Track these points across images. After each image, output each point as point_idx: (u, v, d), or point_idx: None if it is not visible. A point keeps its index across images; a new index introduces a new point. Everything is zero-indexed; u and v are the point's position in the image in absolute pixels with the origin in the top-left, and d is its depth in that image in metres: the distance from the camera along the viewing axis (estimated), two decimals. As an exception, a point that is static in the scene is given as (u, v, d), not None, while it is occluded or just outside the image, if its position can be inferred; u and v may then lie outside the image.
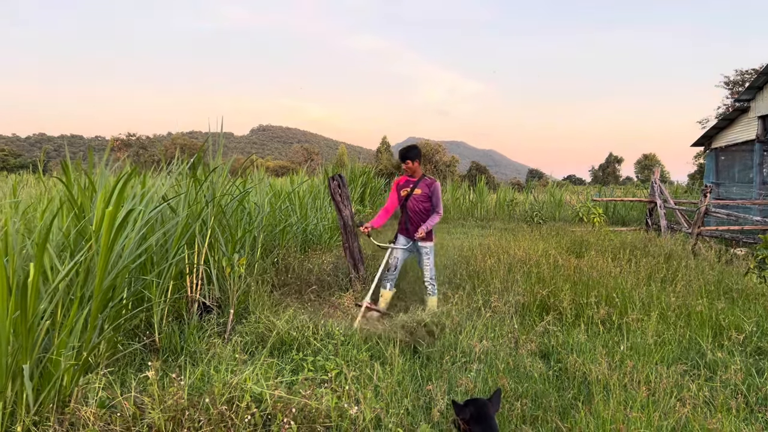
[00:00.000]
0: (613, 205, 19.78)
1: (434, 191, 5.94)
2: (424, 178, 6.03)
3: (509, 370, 4.12)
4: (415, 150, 6.01)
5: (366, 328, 5.04)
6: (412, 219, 6.00)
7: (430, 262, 5.97)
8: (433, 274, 6.00)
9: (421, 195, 5.95)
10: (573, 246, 8.92)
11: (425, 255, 5.97)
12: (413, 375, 4.15)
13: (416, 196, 5.97)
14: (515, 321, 5.33)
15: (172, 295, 5.10)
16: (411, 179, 6.06)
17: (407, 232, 6.03)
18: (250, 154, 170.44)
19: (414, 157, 5.96)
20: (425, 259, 5.97)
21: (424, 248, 5.95)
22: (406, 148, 6.03)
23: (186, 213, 5.17)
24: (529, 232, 12.00)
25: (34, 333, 2.77)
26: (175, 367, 4.03)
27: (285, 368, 3.90)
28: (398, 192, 6.12)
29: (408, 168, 6.00)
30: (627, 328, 5.11)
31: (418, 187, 5.99)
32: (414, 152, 5.98)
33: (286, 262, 7.19)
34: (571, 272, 6.63)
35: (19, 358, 2.75)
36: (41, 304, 3.00)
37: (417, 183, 6.00)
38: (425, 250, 5.95)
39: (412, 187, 6.01)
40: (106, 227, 3.00)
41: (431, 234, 5.95)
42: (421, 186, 5.99)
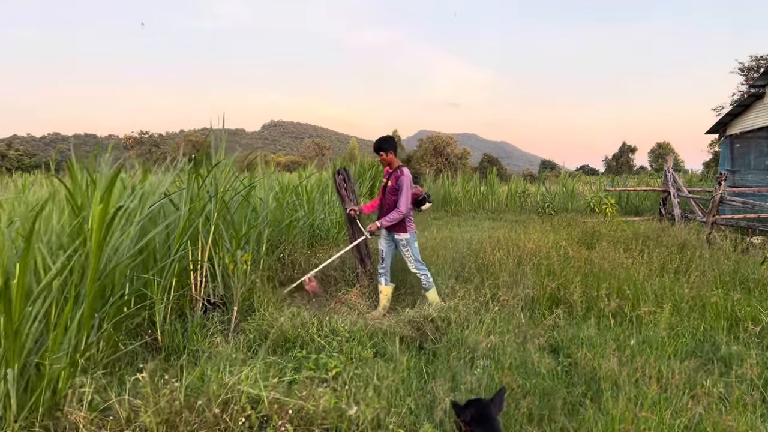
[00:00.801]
0: (626, 195, 19.51)
1: (400, 185, 5.72)
2: (397, 171, 5.84)
3: (517, 366, 4.01)
4: (388, 141, 5.85)
5: (371, 324, 4.95)
6: (382, 210, 5.93)
7: (409, 253, 5.84)
8: (418, 265, 5.87)
9: (391, 187, 5.82)
10: (584, 237, 8.77)
11: (402, 247, 5.85)
12: (418, 372, 4.06)
13: (388, 188, 5.85)
14: (524, 315, 5.22)
15: (175, 293, 5.04)
16: (389, 170, 5.94)
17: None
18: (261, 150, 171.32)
19: (387, 148, 5.80)
20: (404, 252, 5.86)
21: (399, 240, 5.83)
22: (380, 139, 5.87)
23: (188, 208, 5.09)
24: (540, 223, 11.85)
25: (22, 335, 2.71)
26: (177, 366, 3.97)
27: (287, 366, 3.81)
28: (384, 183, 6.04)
29: (383, 160, 5.86)
30: (639, 321, 4.98)
31: (390, 179, 5.85)
32: (387, 143, 5.82)
33: (293, 257, 7.12)
34: (581, 264, 6.50)
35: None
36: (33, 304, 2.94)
37: (390, 175, 5.87)
38: (401, 242, 5.83)
39: (387, 178, 5.90)
40: (96, 225, 2.93)
41: (404, 225, 5.80)
42: (392, 178, 5.84)
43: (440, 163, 41.16)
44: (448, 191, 21.41)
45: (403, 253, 5.86)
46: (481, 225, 14.74)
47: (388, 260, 6.00)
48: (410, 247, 5.82)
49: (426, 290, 5.87)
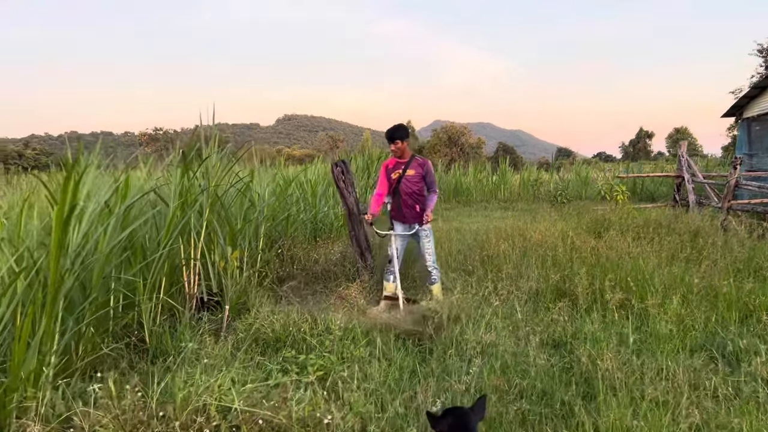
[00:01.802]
0: (641, 181, 19.14)
1: (428, 170, 5.66)
2: (415, 158, 5.71)
3: (514, 365, 3.83)
4: (402, 130, 5.67)
5: (365, 321, 4.79)
6: (406, 202, 5.68)
7: (431, 245, 5.67)
8: (435, 258, 5.71)
9: (415, 176, 5.64)
10: (593, 226, 8.51)
11: (425, 238, 5.66)
12: (412, 371, 3.89)
13: (409, 178, 5.65)
14: (527, 309, 5.03)
15: (166, 292, 4.92)
16: (401, 161, 5.73)
17: (403, 217, 5.71)
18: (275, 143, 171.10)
19: (402, 137, 5.62)
20: (426, 243, 5.66)
21: (423, 230, 5.64)
22: (393, 128, 5.68)
23: (177, 204, 4.94)
24: (550, 212, 11.60)
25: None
26: (162, 369, 3.83)
27: (273, 369, 3.66)
28: (388, 175, 5.81)
29: (397, 149, 5.66)
30: (645, 314, 4.76)
31: (410, 168, 5.66)
32: (402, 132, 5.64)
33: (292, 252, 6.97)
34: (587, 254, 6.27)
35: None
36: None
37: (408, 164, 5.67)
38: (425, 232, 5.64)
39: (403, 168, 5.69)
40: (55, 224, 2.78)
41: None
42: (413, 167, 5.66)
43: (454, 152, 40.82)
44: (460, 181, 21.18)
45: (423, 245, 5.66)
46: (491, 215, 14.52)
47: (400, 260, 5.75)
48: (431, 238, 5.65)
49: (433, 284, 5.69)
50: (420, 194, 5.64)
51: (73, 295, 3.73)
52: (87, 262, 3.59)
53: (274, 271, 6.47)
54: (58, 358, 3.37)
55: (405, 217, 5.68)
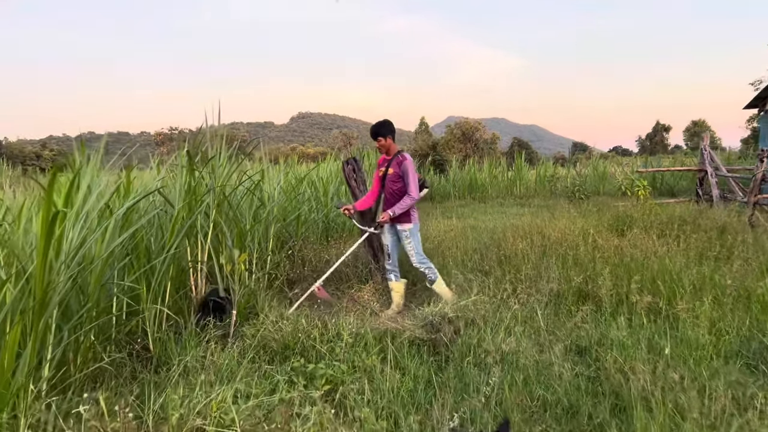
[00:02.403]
0: (660, 175, 18.72)
1: (405, 170, 5.34)
2: (397, 156, 5.46)
3: (537, 374, 3.59)
4: (386, 126, 5.44)
5: (380, 325, 4.57)
6: (388, 200, 5.51)
7: (412, 246, 5.44)
8: (421, 258, 5.49)
9: (393, 174, 5.41)
10: (615, 223, 8.21)
11: (405, 239, 5.45)
12: (427, 382, 3.66)
13: (389, 176, 5.44)
14: (547, 312, 4.78)
15: (171, 296, 4.73)
16: (387, 158, 5.52)
17: None
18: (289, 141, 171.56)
19: (385, 133, 5.40)
20: (406, 244, 5.45)
21: (402, 231, 5.43)
22: (377, 124, 5.48)
23: (182, 205, 4.75)
24: (568, 209, 11.29)
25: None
26: (165, 380, 3.64)
27: (279, 380, 3.44)
28: (378, 172, 5.61)
29: (381, 146, 5.45)
30: (675, 317, 4.49)
31: (391, 165, 5.44)
32: (386, 128, 5.42)
33: (303, 253, 6.76)
34: (611, 253, 5.99)
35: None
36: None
37: (390, 161, 5.45)
38: (404, 233, 5.43)
39: (386, 166, 5.48)
40: (40, 229, 2.59)
41: (409, 215, 5.42)
42: (393, 165, 5.44)
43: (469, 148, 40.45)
44: (475, 177, 20.89)
45: (405, 245, 5.46)
46: (507, 211, 14.23)
47: (395, 255, 5.61)
48: (413, 239, 5.41)
49: (432, 283, 5.49)
50: (400, 193, 5.41)
51: (71, 303, 3.56)
52: (83, 267, 3.41)
53: (285, 273, 6.27)
54: (53, 371, 3.19)
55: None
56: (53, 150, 75.34)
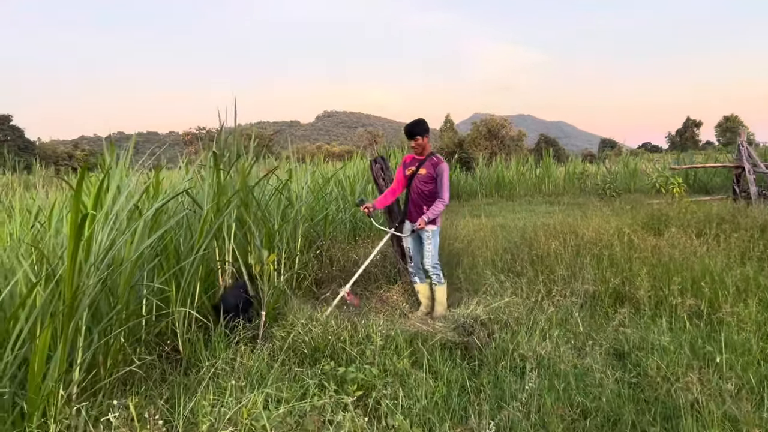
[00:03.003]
0: (693, 172, 18.26)
1: (440, 173, 5.21)
2: (431, 157, 5.31)
3: (576, 378, 3.46)
4: (423, 125, 5.31)
5: (407, 329, 4.47)
6: (414, 200, 5.36)
7: (431, 248, 5.31)
8: (435, 261, 5.35)
9: (426, 176, 5.27)
10: (650, 222, 7.98)
11: (426, 240, 5.31)
12: (461, 386, 3.55)
13: (420, 177, 5.29)
14: (583, 315, 4.63)
15: (200, 297, 4.70)
16: (418, 158, 5.38)
17: (410, 215, 5.39)
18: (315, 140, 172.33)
19: (422, 132, 5.26)
20: (426, 245, 5.32)
21: (425, 232, 5.29)
22: (413, 123, 5.33)
23: (210, 205, 4.71)
24: (600, 207, 11.05)
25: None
26: (196, 382, 3.60)
27: (310, 384, 3.37)
28: (404, 171, 5.46)
29: (417, 145, 5.29)
30: (718, 320, 4.31)
31: (423, 166, 5.29)
32: (422, 127, 5.28)
33: (331, 253, 6.69)
34: (648, 254, 5.81)
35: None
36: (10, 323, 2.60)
37: (423, 162, 5.31)
38: (426, 234, 5.29)
39: (417, 165, 5.33)
40: (70, 229, 2.55)
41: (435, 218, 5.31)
42: (426, 165, 5.28)
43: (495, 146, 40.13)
44: (502, 175, 20.66)
45: (424, 247, 5.33)
46: (536, 210, 14.01)
47: (417, 257, 5.47)
48: (433, 241, 5.30)
49: (437, 285, 5.37)
50: (429, 196, 5.27)
51: (100, 305, 3.53)
52: (112, 269, 3.38)
53: (313, 272, 6.21)
54: (83, 374, 3.16)
55: (411, 217, 5.37)
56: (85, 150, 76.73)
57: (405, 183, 5.43)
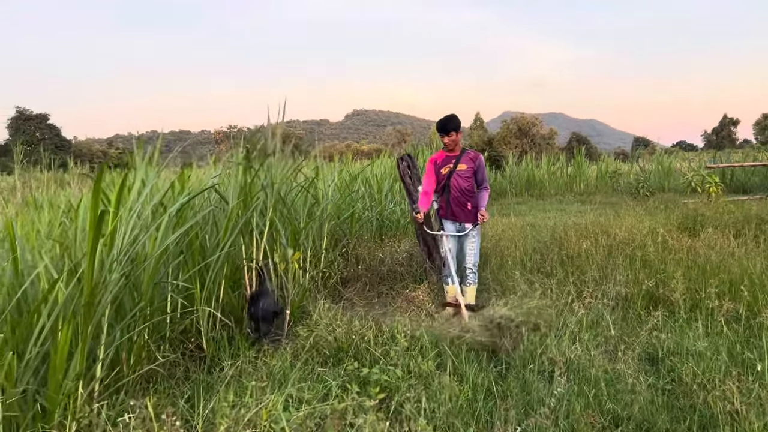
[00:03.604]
0: (730, 171, 17.74)
1: (480, 165, 5.16)
2: (466, 152, 5.21)
3: (607, 383, 3.33)
4: (456, 120, 5.16)
5: (432, 330, 4.39)
6: (458, 199, 5.19)
7: (476, 245, 5.20)
8: (477, 259, 5.23)
9: (466, 170, 5.15)
10: (685, 222, 7.75)
11: (472, 237, 5.17)
12: (487, 390, 3.46)
13: (460, 173, 5.16)
14: (614, 318, 4.49)
15: (225, 295, 4.69)
16: (451, 154, 5.24)
17: (454, 215, 5.22)
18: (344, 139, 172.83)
19: (456, 127, 5.12)
20: (470, 243, 5.18)
21: (474, 228, 5.16)
22: (446, 118, 5.18)
23: (236, 202, 4.69)
24: (633, 206, 10.80)
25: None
26: (219, 380, 3.58)
27: (333, 385, 3.31)
28: (437, 171, 5.32)
29: (451, 141, 5.16)
30: (759, 326, 4.13)
31: (461, 162, 5.17)
32: (455, 123, 5.14)
33: (356, 252, 6.63)
34: (683, 255, 5.62)
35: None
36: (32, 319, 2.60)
37: (459, 158, 5.18)
38: (473, 231, 5.16)
39: (454, 162, 5.20)
40: (89, 226, 2.53)
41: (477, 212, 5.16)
42: (465, 161, 5.17)
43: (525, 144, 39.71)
44: (532, 174, 20.40)
45: (467, 245, 5.19)
46: (567, 209, 13.76)
47: (454, 261, 5.25)
48: (478, 238, 5.19)
49: (470, 285, 5.23)
50: (470, 191, 5.16)
51: (124, 301, 3.53)
52: (135, 266, 3.37)
53: (338, 271, 6.16)
54: (106, 371, 3.16)
55: (456, 216, 5.20)
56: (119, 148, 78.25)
57: (441, 182, 5.32)
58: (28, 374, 2.59)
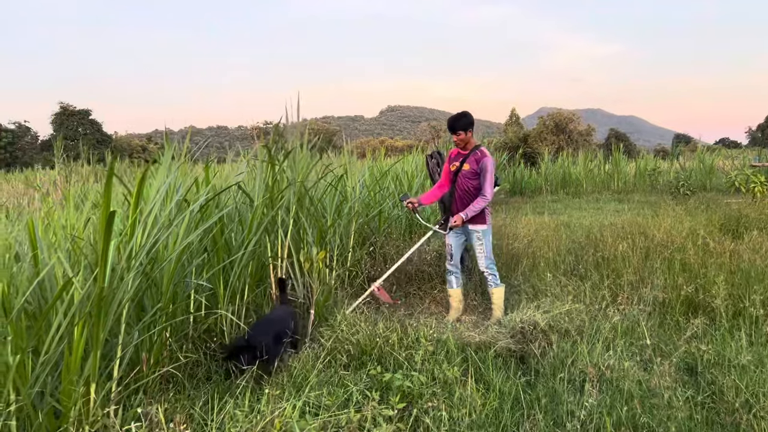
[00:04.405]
0: (777, 169, 17.12)
1: (483, 168, 4.89)
2: (475, 151, 5.00)
3: (641, 396, 3.16)
4: (465, 119, 5.00)
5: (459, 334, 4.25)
6: (460, 198, 5.04)
7: (484, 248, 5.01)
8: (490, 262, 5.05)
9: (469, 171, 4.96)
10: (728, 223, 7.44)
11: (476, 240, 5.00)
12: (515, 399, 3.31)
13: (464, 173, 4.99)
14: (651, 324, 4.29)
15: (250, 293, 4.64)
16: (462, 152, 5.08)
17: (454, 214, 5.03)
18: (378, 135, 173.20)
19: (464, 126, 4.96)
20: (477, 246, 5.01)
21: (475, 232, 4.99)
22: (454, 117, 5.05)
23: (261, 200, 4.63)
24: (673, 206, 10.45)
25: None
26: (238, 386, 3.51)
27: (354, 391, 3.21)
28: (449, 166, 5.19)
29: (459, 140, 5.01)
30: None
31: (467, 161, 4.99)
32: (463, 121, 4.98)
33: (384, 250, 6.52)
34: (725, 259, 5.36)
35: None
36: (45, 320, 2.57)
37: (466, 157, 5.01)
38: (476, 234, 4.99)
39: (461, 161, 5.04)
40: (100, 225, 2.48)
41: (483, 216, 4.97)
42: (470, 160, 4.97)
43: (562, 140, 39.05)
44: (568, 171, 19.99)
45: (475, 247, 5.04)
46: (604, 208, 13.41)
47: (457, 256, 5.19)
48: (485, 241, 5.00)
49: (494, 287, 5.04)
50: (473, 193, 4.97)
51: (144, 300, 3.49)
52: (154, 264, 3.33)
53: (365, 270, 6.06)
54: (124, 370, 3.12)
55: (455, 214, 5.03)
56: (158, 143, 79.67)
57: (451, 179, 5.19)
58: (44, 375, 2.55)
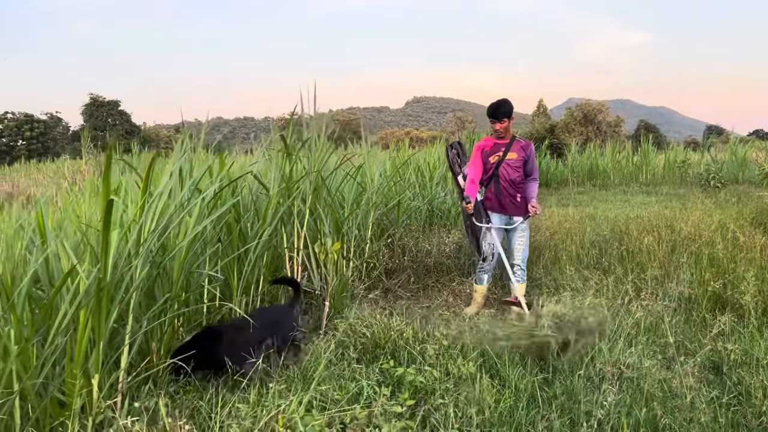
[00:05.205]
0: (812, 162, 16.56)
1: (531, 155, 4.88)
2: (517, 140, 4.89)
3: (662, 398, 3.03)
4: (506, 105, 4.84)
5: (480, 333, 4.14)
6: (506, 190, 4.88)
7: (525, 240, 4.91)
8: (527, 255, 4.96)
9: (517, 160, 4.84)
10: (759, 217, 7.18)
11: (521, 231, 4.89)
12: (531, 396, 3.21)
13: (510, 162, 4.85)
14: (676, 320, 4.14)
15: (267, 283, 4.60)
16: (500, 142, 4.93)
17: (502, 208, 4.91)
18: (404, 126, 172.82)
19: (507, 113, 4.82)
20: (519, 237, 4.89)
21: (522, 223, 4.88)
22: (497, 103, 4.87)
23: (277, 190, 4.57)
24: (702, 198, 10.16)
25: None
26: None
27: (365, 386, 3.14)
28: (484, 159, 5.00)
29: (502, 128, 4.85)
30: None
31: (512, 150, 4.85)
32: (505, 108, 4.82)
33: (403, 242, 6.42)
34: (756, 254, 5.16)
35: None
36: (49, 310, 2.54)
37: (509, 146, 4.87)
38: (523, 225, 4.88)
39: (504, 151, 4.88)
40: (101, 215, 2.44)
41: (527, 205, 4.87)
42: (515, 149, 4.85)
43: (590, 132, 38.43)
44: (595, 162, 19.62)
45: (516, 240, 4.90)
46: (631, 200, 13.11)
47: (496, 257, 4.98)
48: (527, 232, 4.90)
49: (520, 283, 4.89)
50: (520, 182, 4.88)
51: (154, 290, 3.46)
52: (164, 254, 3.29)
53: (383, 262, 5.97)
54: (133, 359, 3.09)
55: (505, 208, 4.89)
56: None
57: (488, 171, 5.03)
58: (48, 365, 2.52)
